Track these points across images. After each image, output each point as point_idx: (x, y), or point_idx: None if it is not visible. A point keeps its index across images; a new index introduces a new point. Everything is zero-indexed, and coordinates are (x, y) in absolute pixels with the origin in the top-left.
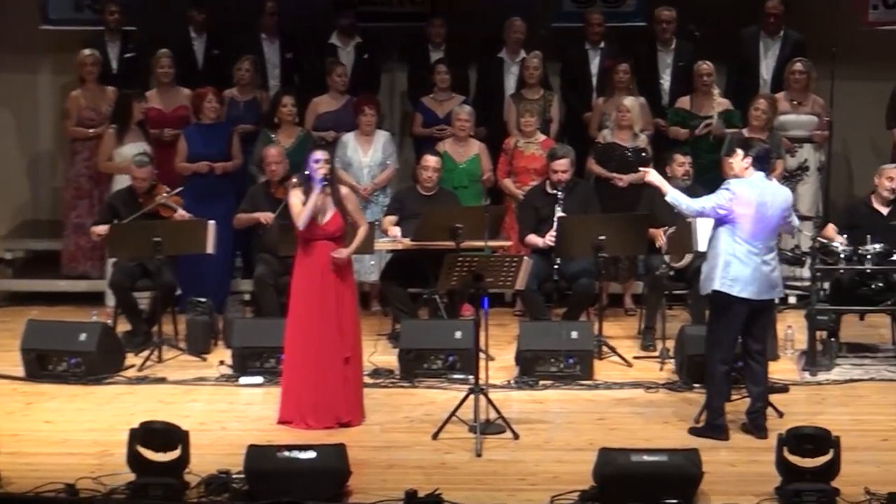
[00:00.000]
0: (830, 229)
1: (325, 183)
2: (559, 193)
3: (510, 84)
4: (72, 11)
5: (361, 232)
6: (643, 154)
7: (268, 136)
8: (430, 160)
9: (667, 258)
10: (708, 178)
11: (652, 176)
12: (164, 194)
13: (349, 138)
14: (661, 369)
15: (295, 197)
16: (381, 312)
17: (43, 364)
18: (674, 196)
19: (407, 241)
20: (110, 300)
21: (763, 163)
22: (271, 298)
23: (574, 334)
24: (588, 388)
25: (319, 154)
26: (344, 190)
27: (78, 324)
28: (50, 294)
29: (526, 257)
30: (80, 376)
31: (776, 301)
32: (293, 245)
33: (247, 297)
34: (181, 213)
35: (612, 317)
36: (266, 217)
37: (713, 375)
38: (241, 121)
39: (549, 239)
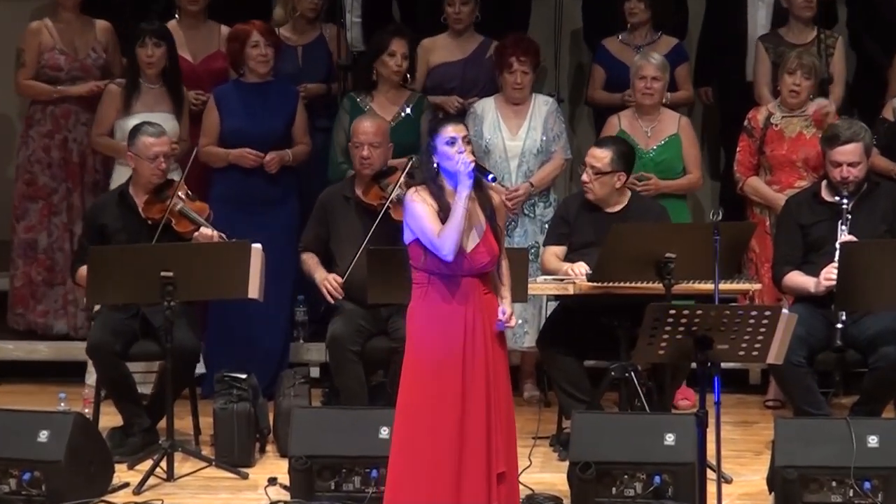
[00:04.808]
0: None
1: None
2: (844, 202)
3: (754, 26)
4: None
5: (505, 267)
6: None
7: (355, 103)
8: (599, 154)
9: None
10: None
11: None
12: (182, 195)
13: (486, 108)
14: None
15: (424, 204)
16: (540, 399)
17: None
18: None
19: (583, 282)
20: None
21: None
22: (355, 374)
23: (873, 440)
24: None
25: (459, 129)
26: (496, 197)
27: (36, 414)
28: None
29: (786, 309)
30: (39, 502)
31: None
32: (389, 287)
33: (314, 371)
34: (206, 231)
35: None
36: (329, 285)
37: None
38: (299, 78)
39: (827, 280)
